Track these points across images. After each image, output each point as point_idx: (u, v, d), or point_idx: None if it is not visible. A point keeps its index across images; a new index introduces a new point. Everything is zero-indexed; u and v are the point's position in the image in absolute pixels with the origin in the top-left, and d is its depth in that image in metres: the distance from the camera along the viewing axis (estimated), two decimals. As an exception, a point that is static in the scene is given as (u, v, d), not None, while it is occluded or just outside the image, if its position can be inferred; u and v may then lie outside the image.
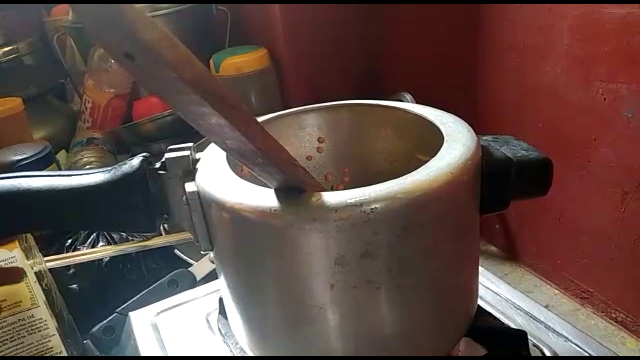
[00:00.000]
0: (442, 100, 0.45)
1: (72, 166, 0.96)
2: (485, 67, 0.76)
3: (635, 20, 0.54)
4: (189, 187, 0.36)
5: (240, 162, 0.31)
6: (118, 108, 1.12)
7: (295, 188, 0.32)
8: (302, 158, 0.48)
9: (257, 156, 0.28)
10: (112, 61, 1.07)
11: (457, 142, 0.36)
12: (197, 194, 0.36)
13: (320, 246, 0.31)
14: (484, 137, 0.39)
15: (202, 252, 0.39)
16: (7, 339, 0.53)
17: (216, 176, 0.36)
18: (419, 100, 0.77)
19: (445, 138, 0.36)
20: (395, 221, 0.31)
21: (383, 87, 0.96)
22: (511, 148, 0.38)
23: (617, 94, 0.58)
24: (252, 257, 0.35)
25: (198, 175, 0.37)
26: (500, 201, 0.38)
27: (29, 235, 0.58)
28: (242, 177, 0.35)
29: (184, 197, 0.36)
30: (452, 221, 0.35)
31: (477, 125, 0.39)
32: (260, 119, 0.45)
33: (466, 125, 0.39)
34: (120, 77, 1.09)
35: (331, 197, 0.31)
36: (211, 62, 1.04)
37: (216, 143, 0.29)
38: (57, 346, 0.55)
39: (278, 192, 0.32)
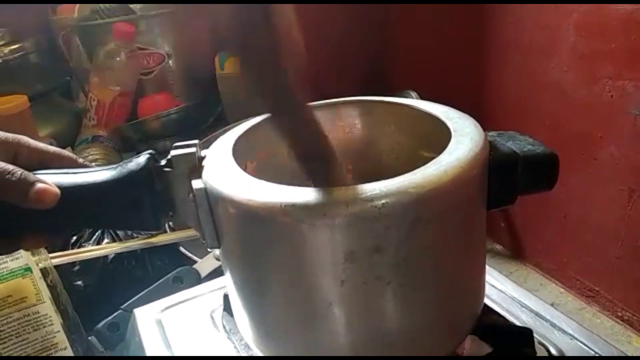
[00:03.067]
0: (446, 98, 0.45)
1: (78, 164, 0.96)
2: (491, 64, 0.75)
3: (642, 17, 0.54)
4: (196, 184, 0.36)
5: None
6: (123, 106, 1.12)
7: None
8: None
9: None
10: (117, 59, 1.07)
11: (465, 137, 0.36)
12: (205, 191, 0.36)
13: (331, 242, 0.31)
14: (490, 133, 0.39)
15: (209, 250, 0.38)
16: (12, 335, 0.54)
17: (223, 173, 0.36)
18: (423, 98, 0.77)
19: (453, 133, 0.36)
20: (406, 216, 0.31)
21: (387, 85, 0.95)
22: (517, 143, 0.38)
23: (623, 91, 0.58)
24: (261, 253, 0.34)
25: (205, 172, 0.36)
26: (507, 196, 0.38)
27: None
28: (248, 173, 0.35)
29: (191, 195, 0.36)
30: (461, 216, 0.35)
31: (483, 122, 0.39)
32: (264, 116, 0.45)
33: (473, 120, 0.39)
34: (125, 75, 1.10)
35: (341, 192, 0.31)
36: (216, 59, 1.04)
37: None
38: (62, 342, 0.56)
39: (286, 187, 0.32)
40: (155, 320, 0.52)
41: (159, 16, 1.14)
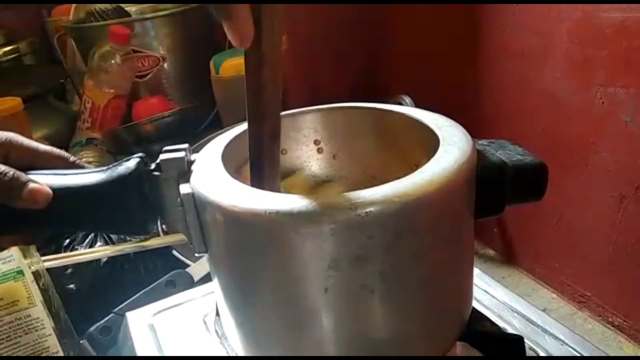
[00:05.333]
0: (441, 104, 0.45)
1: (71, 166, 0.96)
2: (485, 70, 0.76)
3: (633, 24, 0.54)
4: (184, 188, 0.36)
5: None
6: (117, 108, 1.12)
7: None
8: (298, 160, 0.48)
9: None
10: (112, 61, 1.07)
11: (452, 146, 0.36)
12: (192, 196, 0.35)
13: (314, 249, 0.31)
14: (480, 142, 0.39)
15: (196, 255, 0.38)
16: (3, 339, 0.53)
17: (211, 178, 0.36)
18: (418, 104, 0.77)
19: (441, 142, 0.36)
20: (390, 225, 0.31)
21: (383, 89, 0.96)
22: (507, 152, 0.38)
23: (616, 98, 0.58)
24: (246, 259, 0.34)
25: (193, 177, 0.36)
26: (496, 205, 0.38)
27: (26, 235, 0.58)
28: (237, 179, 0.35)
29: (179, 199, 0.36)
30: (447, 225, 0.34)
31: (477, 128, 0.39)
32: None
33: (462, 129, 0.39)
34: (120, 77, 1.10)
35: (325, 200, 0.31)
36: (211, 63, 1.05)
37: None
38: (54, 346, 0.55)
39: (272, 194, 0.32)
40: (148, 324, 0.52)
41: (154, 19, 1.14)
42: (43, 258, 0.62)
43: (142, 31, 1.13)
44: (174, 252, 0.74)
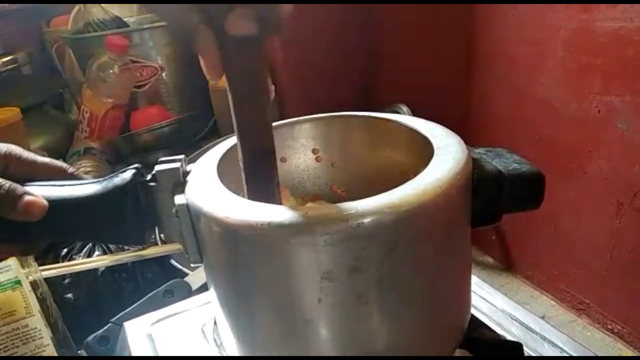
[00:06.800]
0: (438, 113, 0.45)
1: (69, 176, 0.96)
2: (482, 80, 0.76)
3: (627, 33, 0.55)
4: (179, 199, 0.36)
5: None
6: (115, 118, 1.12)
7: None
8: (296, 168, 0.48)
9: None
10: (110, 71, 1.07)
11: (447, 156, 0.35)
12: (187, 207, 0.36)
13: (308, 260, 0.31)
14: (477, 150, 0.39)
15: (192, 265, 0.38)
16: (0, 349, 0.53)
17: (205, 189, 0.36)
18: (415, 112, 0.77)
19: (436, 151, 0.36)
20: (384, 235, 0.31)
21: (380, 98, 0.96)
22: (503, 161, 0.37)
23: (611, 106, 0.58)
24: (240, 270, 0.34)
25: (188, 188, 0.36)
26: (492, 215, 0.37)
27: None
28: (232, 190, 0.35)
29: (174, 210, 0.36)
30: (442, 235, 0.34)
31: (474, 136, 0.39)
32: None
33: (457, 138, 0.38)
34: (118, 87, 1.10)
35: (318, 211, 0.31)
36: (209, 72, 1.05)
37: None
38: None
39: (266, 205, 0.32)
40: (146, 334, 0.52)
41: (153, 29, 1.15)
42: (41, 268, 0.62)
43: (140, 41, 1.13)
44: (172, 261, 0.74)
